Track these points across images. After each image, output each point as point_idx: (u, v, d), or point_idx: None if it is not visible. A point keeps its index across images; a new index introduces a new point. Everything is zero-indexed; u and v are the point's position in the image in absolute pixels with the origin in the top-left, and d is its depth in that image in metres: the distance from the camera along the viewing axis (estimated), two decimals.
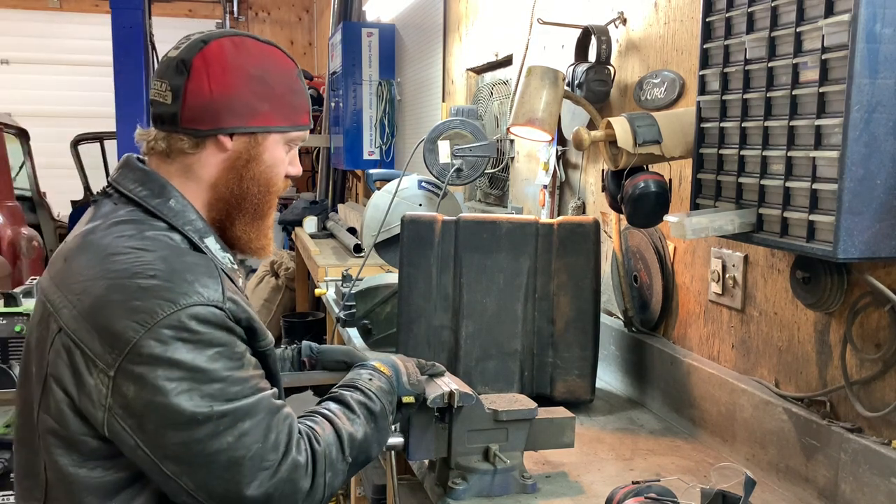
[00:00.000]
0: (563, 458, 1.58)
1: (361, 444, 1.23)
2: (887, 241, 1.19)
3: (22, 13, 8.21)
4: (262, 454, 1.09)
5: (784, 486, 1.47)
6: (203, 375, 1.06)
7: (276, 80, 1.23)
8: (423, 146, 2.82)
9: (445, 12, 3.83)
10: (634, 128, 1.63)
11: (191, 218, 1.21)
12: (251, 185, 1.24)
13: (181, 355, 1.04)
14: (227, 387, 1.07)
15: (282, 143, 1.26)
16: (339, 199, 6.36)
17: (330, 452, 1.17)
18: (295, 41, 9.31)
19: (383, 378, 1.32)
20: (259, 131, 1.23)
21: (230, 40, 1.22)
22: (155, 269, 1.08)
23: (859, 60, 1.13)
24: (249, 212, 1.26)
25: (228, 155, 1.22)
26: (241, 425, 1.07)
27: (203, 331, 1.07)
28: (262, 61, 1.23)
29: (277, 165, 1.26)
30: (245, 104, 1.20)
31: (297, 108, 1.27)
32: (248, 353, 1.14)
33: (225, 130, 1.20)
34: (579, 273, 1.87)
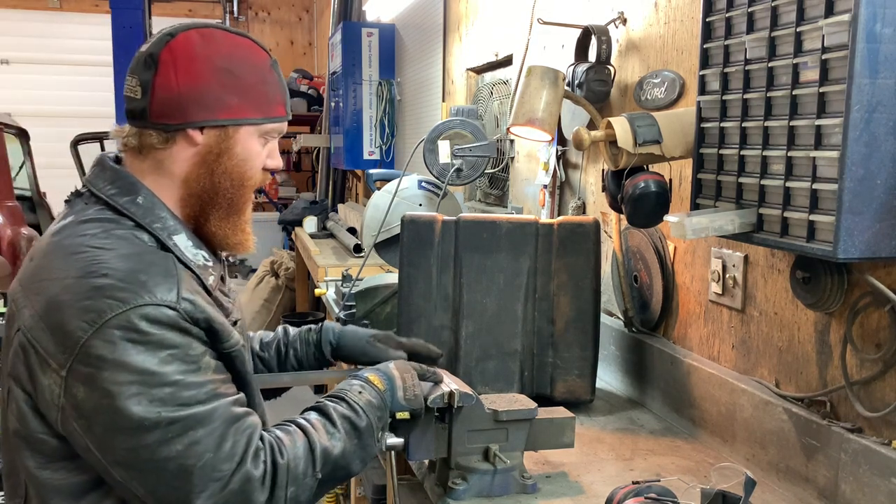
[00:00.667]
0: (563, 458, 1.58)
1: (338, 460, 1.19)
2: (887, 241, 1.19)
3: (22, 13, 8.20)
4: (213, 464, 1.06)
5: (784, 486, 1.47)
6: (153, 379, 1.03)
7: (246, 72, 1.20)
8: (423, 146, 2.82)
9: (445, 12, 3.83)
10: (634, 128, 1.63)
11: (159, 215, 1.18)
12: (223, 180, 1.21)
13: (130, 357, 1.02)
14: (179, 391, 1.04)
15: (256, 135, 1.23)
16: (339, 199, 6.36)
17: (296, 466, 1.14)
18: (295, 41, 9.31)
19: (374, 392, 1.28)
20: (229, 124, 1.20)
21: (198, 32, 1.20)
22: (109, 268, 1.06)
23: (859, 60, 1.13)
24: (223, 207, 1.23)
25: (199, 149, 1.20)
26: (192, 433, 1.04)
27: (153, 332, 1.04)
28: (232, 53, 1.20)
29: (252, 159, 1.24)
30: (214, 97, 1.18)
31: (270, 100, 1.24)
32: (209, 356, 1.11)
33: (194, 124, 1.18)
34: (579, 273, 1.87)
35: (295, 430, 1.18)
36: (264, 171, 1.28)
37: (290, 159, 8.75)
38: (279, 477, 1.11)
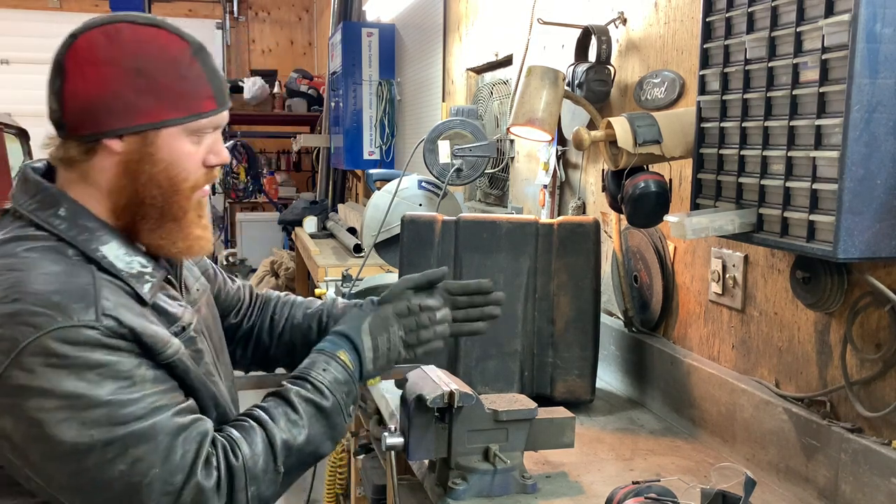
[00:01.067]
0: (563, 458, 1.58)
1: (303, 448, 1.16)
2: (887, 241, 1.19)
3: (22, 13, 8.20)
4: (163, 478, 1.02)
5: (784, 486, 1.47)
6: (80, 402, 0.98)
7: (159, 69, 1.09)
8: (423, 146, 2.82)
9: (445, 12, 3.83)
10: (634, 128, 1.63)
11: (84, 225, 1.10)
12: (149, 188, 1.12)
13: (52, 383, 0.97)
14: (113, 411, 0.99)
15: (183, 135, 1.13)
16: (339, 199, 6.37)
17: (254, 464, 1.10)
18: (295, 41, 9.31)
19: (340, 367, 1.23)
20: (147, 129, 1.10)
21: (101, 31, 1.08)
22: (20, 291, 0.99)
23: (859, 60, 1.13)
24: (154, 216, 1.14)
25: (120, 158, 1.10)
26: (133, 451, 1.00)
27: (74, 354, 0.98)
28: (140, 50, 1.08)
29: (181, 161, 1.13)
30: (126, 102, 1.08)
31: (193, 95, 1.12)
32: (145, 367, 1.05)
33: (109, 134, 1.09)
34: (579, 273, 1.87)
35: (251, 426, 1.14)
36: (208, 169, 1.18)
37: (290, 159, 8.77)
38: (236, 480, 1.08)
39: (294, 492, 4.28)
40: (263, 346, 1.56)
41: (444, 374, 1.45)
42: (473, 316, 1.44)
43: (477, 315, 1.44)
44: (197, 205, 1.18)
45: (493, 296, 1.45)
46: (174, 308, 1.17)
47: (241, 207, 8.54)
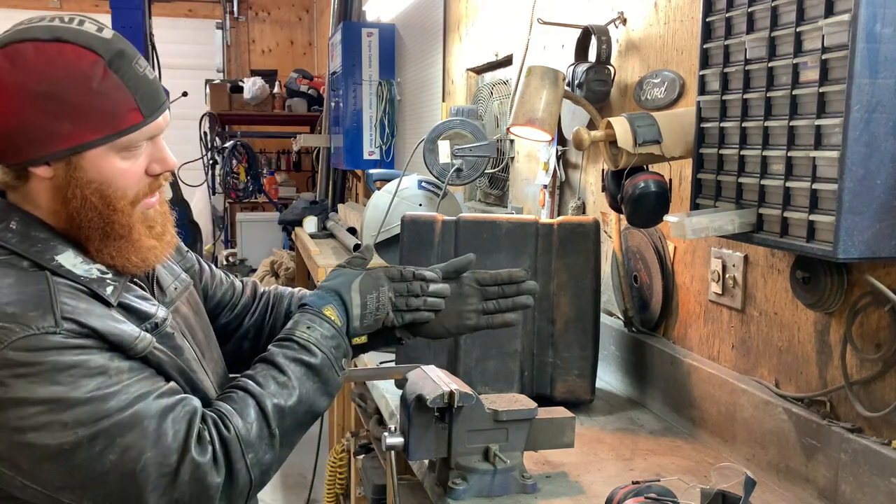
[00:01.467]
0: (563, 458, 1.58)
1: (296, 408, 1.15)
2: (887, 241, 1.19)
3: (22, 13, 8.19)
4: (157, 461, 1.01)
5: (784, 486, 1.47)
6: (60, 405, 0.97)
7: (68, 90, 1.02)
8: (423, 146, 2.82)
9: (445, 12, 3.83)
10: (634, 128, 1.63)
11: (37, 236, 1.07)
12: (84, 211, 1.08)
13: (27, 391, 0.96)
14: (95, 407, 0.99)
15: (111, 153, 1.07)
16: (339, 199, 6.36)
17: (247, 433, 1.09)
18: (295, 41, 9.31)
19: (326, 324, 1.22)
20: (68, 154, 1.04)
21: (3, 55, 1.02)
22: None
23: (859, 60, 1.13)
24: (96, 237, 1.10)
25: (52, 183, 1.07)
26: (121, 440, 1.00)
27: (41, 360, 0.97)
28: (47, 72, 1.02)
29: (115, 179, 1.08)
30: (40, 129, 1.02)
31: (111, 112, 1.05)
32: (118, 360, 1.03)
33: (32, 162, 1.05)
34: (579, 273, 1.87)
35: (240, 396, 1.13)
36: (154, 177, 1.14)
37: (290, 159, 8.77)
38: (231, 451, 1.07)
39: (294, 491, 4.29)
40: None
41: (444, 374, 1.45)
42: (504, 307, 1.41)
43: (508, 306, 1.42)
44: (143, 217, 1.15)
45: (525, 285, 1.41)
46: (145, 306, 1.15)
47: (241, 207, 8.54)
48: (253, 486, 1.10)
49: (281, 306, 1.53)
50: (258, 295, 1.55)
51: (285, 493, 4.30)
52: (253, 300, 1.54)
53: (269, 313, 1.52)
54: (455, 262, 1.41)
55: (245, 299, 1.53)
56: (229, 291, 1.52)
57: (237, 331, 1.51)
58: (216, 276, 1.51)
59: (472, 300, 1.41)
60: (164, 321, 1.15)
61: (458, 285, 1.40)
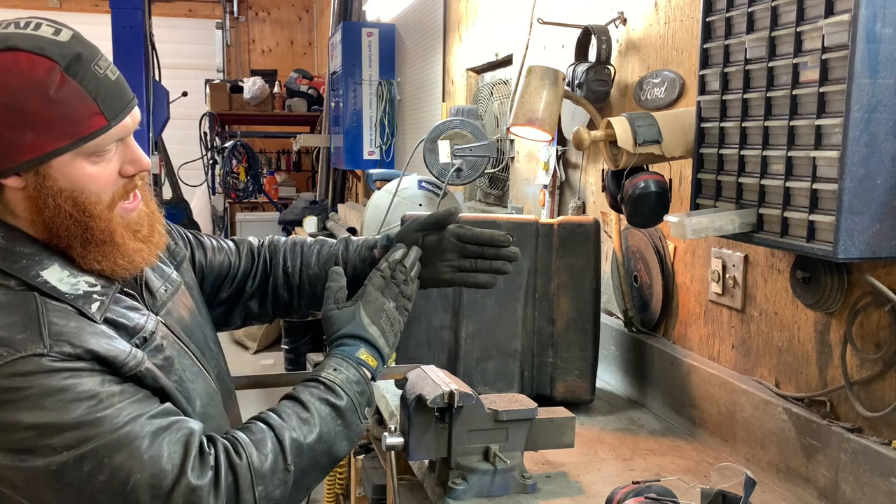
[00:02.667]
0: (563, 458, 1.58)
1: (315, 447, 1.12)
2: (887, 241, 1.19)
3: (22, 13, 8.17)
4: (149, 482, 0.99)
5: (784, 486, 1.47)
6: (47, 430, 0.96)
7: (25, 99, 0.99)
8: (423, 146, 2.82)
9: (445, 12, 3.83)
10: (634, 128, 1.63)
11: (21, 251, 1.05)
12: (59, 219, 1.05)
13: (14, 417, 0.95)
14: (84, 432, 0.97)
15: (79, 159, 1.05)
16: (339, 199, 6.37)
17: (261, 464, 1.06)
18: (295, 41, 9.31)
19: (352, 368, 1.21)
20: (34, 164, 1.02)
21: None
22: None
23: (859, 60, 1.13)
24: (77, 244, 1.08)
25: (25, 193, 1.05)
26: (109, 461, 0.98)
27: (28, 384, 0.96)
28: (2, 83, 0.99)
29: (86, 184, 1.06)
30: (4, 140, 1.00)
31: (72, 118, 1.02)
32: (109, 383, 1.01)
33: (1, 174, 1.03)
34: (579, 273, 1.87)
35: (258, 427, 1.11)
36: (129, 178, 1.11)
37: (290, 159, 8.77)
38: (241, 480, 1.04)
39: None
40: (283, 299, 1.51)
41: (444, 374, 1.45)
42: (481, 268, 1.39)
43: (485, 267, 1.39)
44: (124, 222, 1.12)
45: (504, 250, 1.38)
46: (133, 320, 1.12)
47: (241, 207, 8.54)
48: None
49: (277, 258, 1.51)
50: (255, 255, 1.52)
51: None
52: (252, 263, 1.51)
53: (269, 270, 1.50)
54: (437, 214, 1.38)
55: (244, 264, 1.50)
56: (226, 261, 1.49)
57: (241, 297, 1.49)
58: (209, 249, 1.48)
59: (449, 255, 1.38)
60: (152, 334, 1.13)
61: (438, 239, 1.38)
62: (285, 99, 7.89)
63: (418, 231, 1.38)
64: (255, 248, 1.52)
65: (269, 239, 1.54)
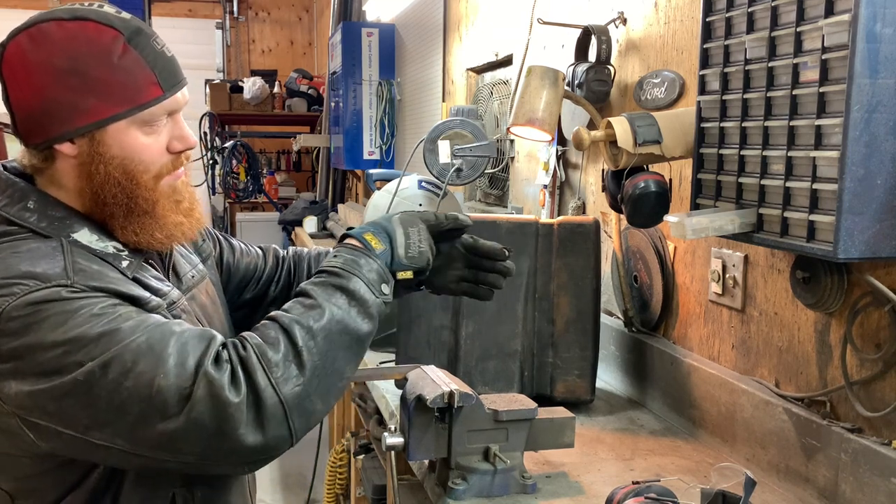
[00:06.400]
0: (563, 458, 1.58)
1: (327, 327, 1.09)
2: (887, 241, 1.19)
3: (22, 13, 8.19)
4: (175, 382, 0.99)
5: (784, 486, 1.47)
6: (74, 345, 0.98)
7: (91, 65, 1.05)
8: (423, 146, 2.82)
9: (445, 12, 3.83)
10: (634, 128, 1.63)
11: (54, 215, 1.09)
12: (108, 187, 1.10)
13: (39, 337, 0.97)
14: (108, 339, 0.99)
15: (133, 128, 1.10)
16: (339, 199, 6.37)
17: (267, 351, 1.04)
18: (295, 41, 9.31)
19: (355, 251, 1.18)
20: (92, 129, 1.07)
21: (27, 35, 1.06)
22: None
23: (859, 60, 1.13)
24: (121, 213, 1.12)
25: (76, 160, 1.09)
26: (135, 366, 0.98)
27: (54, 308, 0.99)
28: (69, 48, 1.05)
29: (138, 153, 1.11)
30: (65, 105, 1.05)
31: (132, 85, 1.07)
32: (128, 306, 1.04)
33: (57, 139, 1.07)
34: (579, 273, 1.87)
35: (263, 323, 1.10)
36: (175, 154, 1.16)
37: (290, 159, 8.77)
38: (251, 369, 1.02)
39: (294, 491, 4.29)
40: None
41: (444, 374, 1.45)
42: (480, 279, 1.39)
43: (483, 280, 1.39)
44: (170, 191, 1.16)
45: (499, 265, 1.38)
46: (159, 284, 1.15)
47: (241, 207, 8.54)
48: (287, 408, 1.03)
49: (302, 266, 1.55)
50: (280, 261, 1.55)
51: (285, 494, 4.30)
52: (276, 268, 1.54)
53: (293, 277, 1.53)
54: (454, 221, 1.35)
55: (269, 269, 1.54)
56: (252, 263, 1.52)
57: (264, 300, 1.52)
58: (237, 250, 1.52)
59: (457, 264, 1.39)
60: (174, 304, 1.16)
61: (450, 247, 1.38)
62: (285, 99, 7.88)
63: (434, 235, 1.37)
64: (281, 255, 1.57)
65: (293, 250, 1.59)
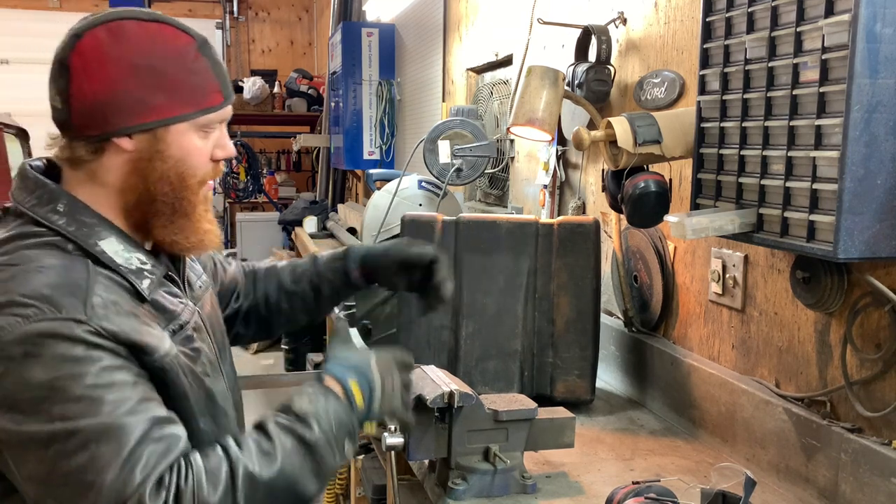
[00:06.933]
0: (563, 458, 1.58)
1: (273, 482, 1.03)
2: (887, 241, 1.19)
3: (22, 13, 8.20)
4: (116, 486, 0.95)
5: (784, 486, 1.47)
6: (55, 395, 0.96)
7: (167, 65, 1.09)
8: (423, 146, 2.83)
9: (445, 12, 3.83)
10: (634, 128, 1.63)
11: (83, 220, 1.09)
12: (160, 185, 1.12)
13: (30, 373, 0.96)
14: (85, 407, 0.97)
15: (192, 130, 1.13)
16: (339, 199, 6.37)
17: (207, 495, 0.98)
18: (295, 41, 9.30)
19: (332, 398, 1.12)
20: (157, 126, 1.09)
21: (105, 28, 1.07)
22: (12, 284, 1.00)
23: (859, 60, 1.13)
24: (165, 213, 1.13)
25: (130, 156, 1.10)
26: (94, 447, 0.96)
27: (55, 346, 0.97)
28: (148, 46, 1.08)
29: (190, 156, 1.13)
30: (135, 100, 1.07)
31: (201, 90, 1.12)
32: (126, 372, 1.02)
33: (118, 132, 1.08)
34: (579, 273, 1.87)
35: (215, 452, 1.04)
36: (215, 163, 1.19)
37: (290, 159, 8.76)
38: None
39: None
40: (263, 319, 1.55)
41: (444, 374, 1.45)
42: None
43: None
44: (204, 199, 1.19)
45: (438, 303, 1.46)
46: (173, 305, 1.16)
47: (241, 207, 8.53)
48: None
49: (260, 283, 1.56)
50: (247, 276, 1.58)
51: None
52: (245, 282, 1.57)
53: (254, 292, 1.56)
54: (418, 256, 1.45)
55: (242, 284, 1.56)
56: (232, 281, 1.54)
57: (237, 316, 1.54)
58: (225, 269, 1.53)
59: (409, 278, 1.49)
60: (187, 323, 1.17)
61: None
62: (285, 99, 7.88)
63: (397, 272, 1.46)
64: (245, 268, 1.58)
65: (251, 263, 1.61)
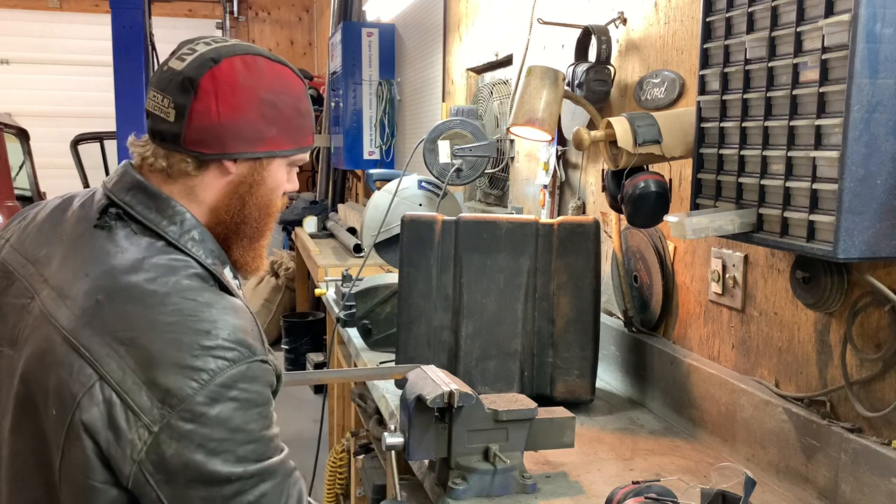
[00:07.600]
0: (563, 458, 1.58)
1: None
2: (887, 241, 1.19)
3: (22, 13, 8.20)
4: None
5: (784, 486, 1.47)
6: (242, 436, 1.03)
7: (285, 104, 1.19)
8: (423, 146, 2.83)
9: (445, 12, 3.83)
10: (634, 128, 1.63)
11: (212, 250, 1.18)
12: (252, 210, 1.21)
13: (228, 415, 1.02)
14: (260, 447, 1.05)
15: (284, 165, 1.23)
16: (339, 199, 6.37)
17: None
18: (295, 41, 9.30)
19: None
20: (264, 156, 1.19)
21: (241, 60, 1.16)
22: (210, 324, 1.05)
23: (859, 60, 1.13)
24: (248, 235, 1.23)
25: (231, 179, 1.18)
26: (262, 486, 1.05)
27: (251, 389, 1.04)
28: (274, 84, 1.18)
29: (278, 188, 1.24)
30: (253, 129, 1.16)
31: (304, 131, 1.23)
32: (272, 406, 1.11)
33: (230, 156, 1.16)
34: (579, 273, 1.87)
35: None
36: (283, 196, 1.28)
37: None
38: None
39: None
40: None
41: (444, 374, 1.45)
42: None
43: None
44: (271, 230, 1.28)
45: None
46: None
47: None
48: None
49: None
50: None
51: None
52: None
53: None
54: None
55: None
56: None
57: None
58: None
59: None
60: None
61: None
62: None
63: None
64: None
65: None
